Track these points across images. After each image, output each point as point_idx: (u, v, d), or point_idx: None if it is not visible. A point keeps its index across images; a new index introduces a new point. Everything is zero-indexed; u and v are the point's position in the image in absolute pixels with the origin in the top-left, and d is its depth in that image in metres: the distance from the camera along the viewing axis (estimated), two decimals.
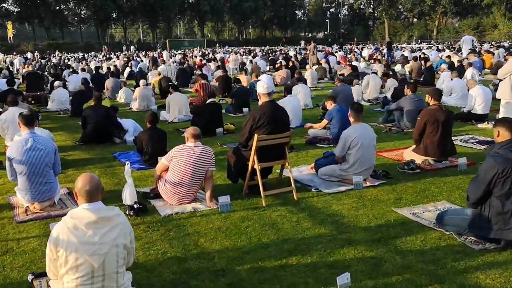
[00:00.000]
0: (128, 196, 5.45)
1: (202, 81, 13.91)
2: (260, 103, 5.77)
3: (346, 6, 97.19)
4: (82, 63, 28.78)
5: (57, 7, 73.44)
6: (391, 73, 15.38)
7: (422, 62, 20.77)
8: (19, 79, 19.81)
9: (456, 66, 17.61)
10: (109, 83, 15.95)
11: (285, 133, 5.51)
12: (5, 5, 70.98)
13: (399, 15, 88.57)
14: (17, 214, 5.27)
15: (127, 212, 5.20)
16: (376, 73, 14.16)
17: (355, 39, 67.99)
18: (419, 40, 68.16)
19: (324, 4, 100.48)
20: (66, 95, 13.53)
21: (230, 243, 4.40)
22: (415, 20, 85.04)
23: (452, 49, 35.91)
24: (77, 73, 19.40)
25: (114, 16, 78.53)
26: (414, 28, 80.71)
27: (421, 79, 16.78)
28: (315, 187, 5.84)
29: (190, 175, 5.29)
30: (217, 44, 71.14)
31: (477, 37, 67.91)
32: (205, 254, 4.19)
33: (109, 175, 6.88)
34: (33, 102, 13.95)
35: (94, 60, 32.84)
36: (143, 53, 48.54)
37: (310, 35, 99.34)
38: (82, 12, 79.22)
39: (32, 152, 5.20)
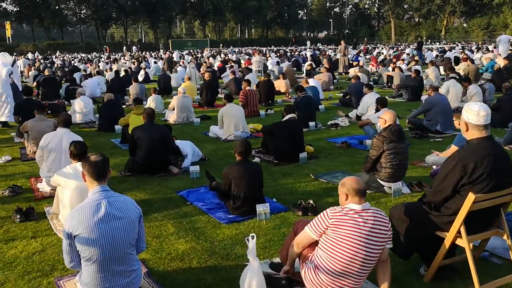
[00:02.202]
0: None
1: (248, 88, 11.87)
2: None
3: (350, 6, 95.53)
4: (91, 65, 26.63)
5: (57, 7, 71.05)
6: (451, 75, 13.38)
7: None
8: (26, 83, 17.69)
9: None
10: (133, 89, 13.80)
11: (510, 189, 3.44)
12: (4, 4, 68.57)
13: (404, 14, 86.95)
14: None
15: None
16: (455, 78, 12.06)
17: (366, 39, 66.07)
18: (429, 40, 66.80)
19: (328, 4, 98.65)
20: (90, 104, 11.40)
21: None
22: (421, 20, 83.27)
23: (478, 49, 34.02)
24: (91, 76, 17.26)
25: (114, 15, 76.18)
26: (422, 27, 79.01)
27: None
28: None
29: (362, 259, 3.22)
30: (221, 44, 69.16)
31: (487, 37, 66.45)
32: None
33: (190, 233, 4.78)
34: (49, 111, 11.80)
35: (102, 61, 30.62)
36: (148, 53, 46.42)
37: (312, 35, 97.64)
38: (82, 12, 76.84)
39: (107, 225, 3.12)
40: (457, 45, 44.90)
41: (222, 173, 5.31)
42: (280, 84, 15.62)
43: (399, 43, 67.20)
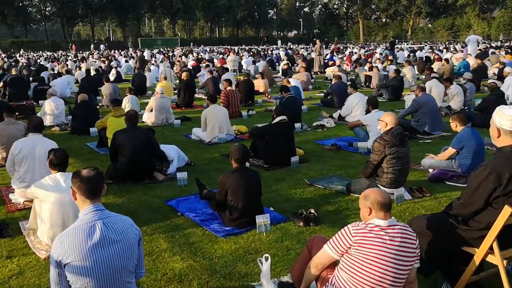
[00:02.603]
0: None
1: (229, 88, 11.47)
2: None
3: (320, 6, 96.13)
4: (59, 63, 25.65)
5: (20, 3, 68.69)
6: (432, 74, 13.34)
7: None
8: None
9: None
10: (105, 89, 13.16)
11: None
12: None
13: (372, 15, 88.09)
14: None
15: None
16: (436, 78, 11.91)
17: (336, 38, 66.58)
18: (396, 40, 67.80)
19: (297, 3, 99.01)
20: (62, 105, 10.77)
21: None
22: (388, 20, 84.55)
23: (446, 48, 34.47)
24: (60, 76, 16.47)
25: (81, 13, 74.22)
26: (389, 28, 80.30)
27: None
28: None
29: (390, 281, 2.88)
30: (191, 43, 68.36)
31: (451, 37, 67.93)
32: None
33: (185, 249, 4.36)
34: (17, 113, 11.09)
35: (70, 60, 29.58)
36: (117, 52, 45.35)
37: (282, 34, 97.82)
38: (47, 9, 74.56)
39: (103, 251, 2.69)
40: (426, 45, 45.46)
41: (218, 181, 4.90)
42: (259, 84, 15.28)
43: (368, 43, 68.02)
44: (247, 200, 4.72)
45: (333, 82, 12.79)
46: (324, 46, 34.93)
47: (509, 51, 23.89)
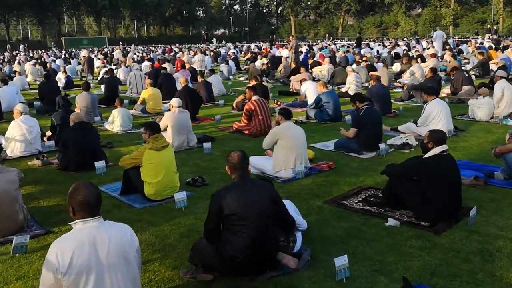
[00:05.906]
0: None
1: (255, 97, 8.84)
2: None
3: (250, 3, 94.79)
4: None
5: None
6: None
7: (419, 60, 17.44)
8: None
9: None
10: (82, 100, 9.92)
11: None
12: None
13: (301, 12, 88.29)
14: None
15: None
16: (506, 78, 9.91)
17: (273, 36, 65.23)
18: (330, 38, 68.37)
19: (227, 1, 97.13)
20: (36, 127, 7.53)
21: None
22: (317, 18, 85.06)
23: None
24: (6, 83, 12.81)
25: None
26: (320, 25, 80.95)
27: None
28: None
29: None
30: (120, 42, 64.04)
31: (380, 33, 68.87)
32: None
33: None
34: None
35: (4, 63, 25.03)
36: (44, 52, 40.45)
37: (211, 32, 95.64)
38: None
39: None
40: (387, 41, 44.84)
41: None
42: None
43: (306, 40, 67.68)
44: None
45: (371, 85, 10.45)
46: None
47: (493, 46, 22.97)
